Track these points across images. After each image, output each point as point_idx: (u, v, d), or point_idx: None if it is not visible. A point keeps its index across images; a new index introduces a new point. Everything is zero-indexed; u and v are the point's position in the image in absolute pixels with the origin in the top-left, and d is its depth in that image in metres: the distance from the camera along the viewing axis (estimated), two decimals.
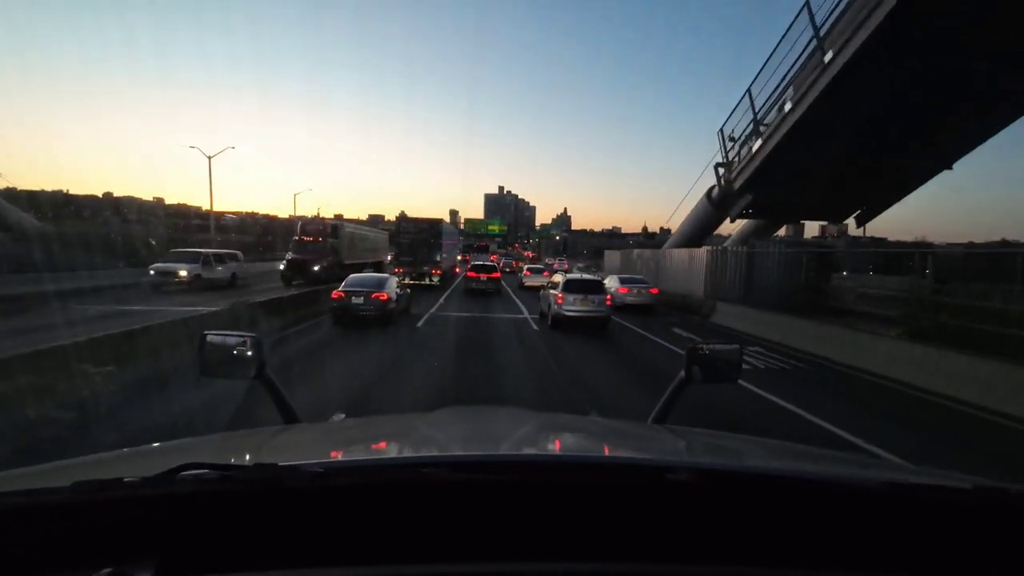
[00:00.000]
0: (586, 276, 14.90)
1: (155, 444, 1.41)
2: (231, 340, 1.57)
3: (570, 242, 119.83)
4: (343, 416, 4.98)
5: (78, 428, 4.70)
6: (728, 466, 1.15)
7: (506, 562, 0.81)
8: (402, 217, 26.98)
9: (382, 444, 1.47)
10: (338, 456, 1.23)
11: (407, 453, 1.31)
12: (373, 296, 11.83)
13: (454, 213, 58.92)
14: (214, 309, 10.24)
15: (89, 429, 4.75)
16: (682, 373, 1.64)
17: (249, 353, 1.54)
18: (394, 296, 12.42)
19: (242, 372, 1.54)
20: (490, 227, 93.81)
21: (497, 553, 0.82)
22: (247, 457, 1.24)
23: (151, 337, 6.84)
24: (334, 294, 12.11)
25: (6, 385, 4.79)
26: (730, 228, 21.83)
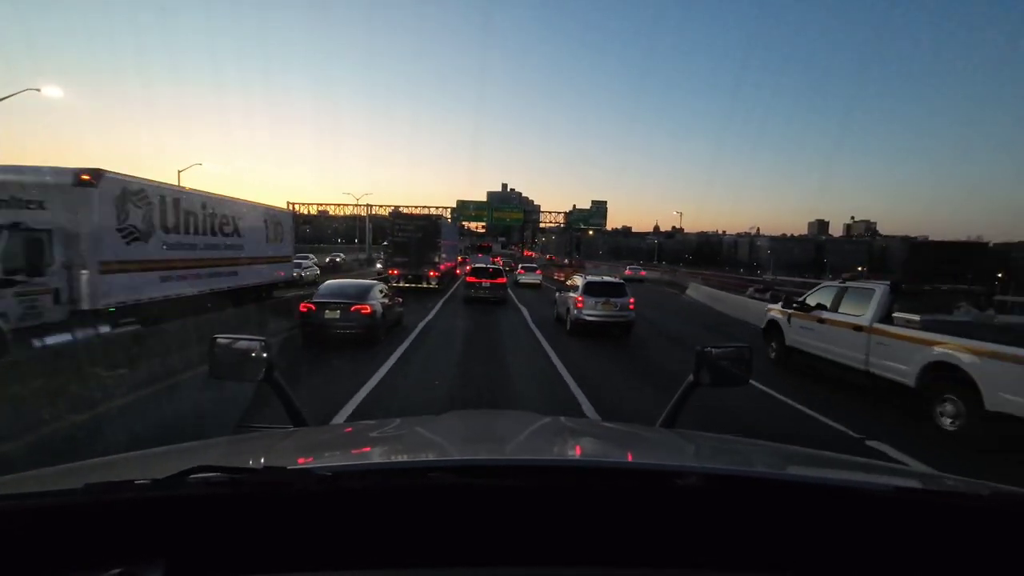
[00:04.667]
0: (607, 278, 13.53)
1: (165, 447, 1.39)
2: (240, 343, 1.57)
3: (582, 242, 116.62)
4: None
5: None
6: (738, 471, 1.14)
7: (514, 567, 0.81)
8: (396, 213, 24.65)
9: (390, 447, 1.47)
10: (346, 459, 1.24)
11: (415, 457, 1.32)
12: (353, 309, 9.49)
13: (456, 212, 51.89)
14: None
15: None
16: (691, 376, 1.61)
17: (264, 355, 1.53)
18: (380, 308, 10.03)
19: (251, 374, 1.54)
20: (496, 215, 57.16)
21: (505, 557, 0.82)
22: (256, 460, 1.22)
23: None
24: (302, 306, 9.70)
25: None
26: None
